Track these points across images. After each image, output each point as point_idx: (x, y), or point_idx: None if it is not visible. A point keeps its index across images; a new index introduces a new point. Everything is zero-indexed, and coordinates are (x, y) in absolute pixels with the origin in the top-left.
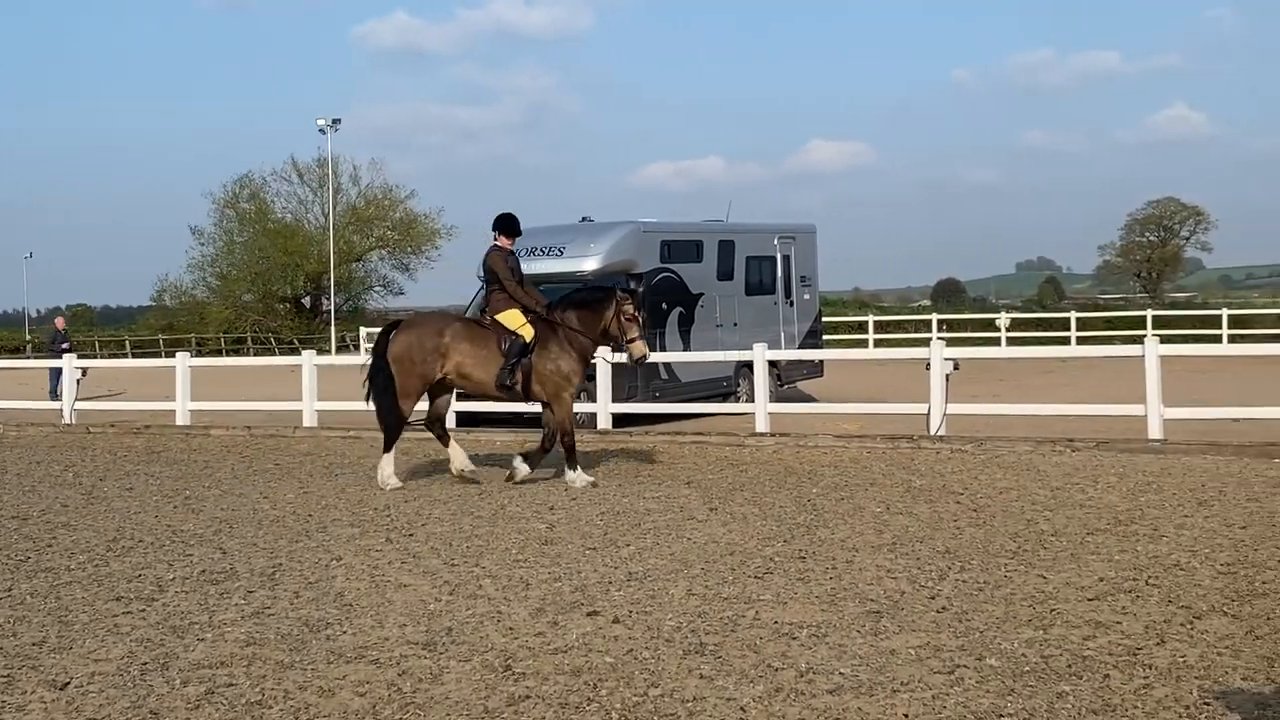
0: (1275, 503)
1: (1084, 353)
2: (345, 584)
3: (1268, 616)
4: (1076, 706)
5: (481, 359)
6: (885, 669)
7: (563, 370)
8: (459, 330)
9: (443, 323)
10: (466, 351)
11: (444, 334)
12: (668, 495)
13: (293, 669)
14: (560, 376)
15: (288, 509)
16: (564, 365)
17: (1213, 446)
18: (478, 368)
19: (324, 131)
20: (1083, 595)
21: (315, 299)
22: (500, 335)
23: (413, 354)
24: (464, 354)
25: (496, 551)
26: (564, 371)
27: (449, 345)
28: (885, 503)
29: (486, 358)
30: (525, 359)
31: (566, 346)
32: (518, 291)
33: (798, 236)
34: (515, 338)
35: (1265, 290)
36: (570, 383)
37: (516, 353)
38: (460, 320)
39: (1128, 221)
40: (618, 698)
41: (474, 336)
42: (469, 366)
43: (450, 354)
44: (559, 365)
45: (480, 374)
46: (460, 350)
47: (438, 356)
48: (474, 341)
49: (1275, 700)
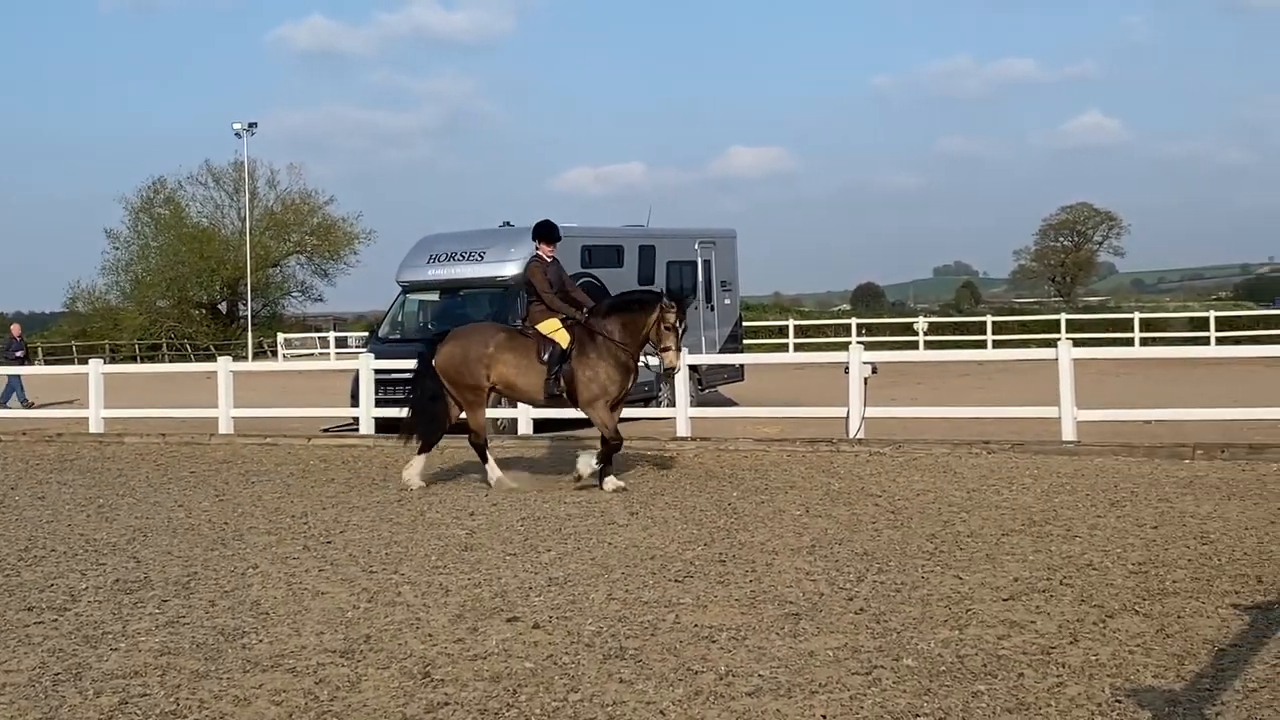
0: (1186, 503)
1: (1000, 356)
2: (262, 592)
3: (1178, 615)
4: (991, 705)
5: (524, 368)
6: (804, 671)
7: (599, 378)
8: (502, 340)
9: (487, 333)
10: (510, 361)
11: (488, 344)
12: (589, 500)
13: (208, 678)
14: (598, 385)
15: (203, 517)
16: (601, 372)
17: (1125, 448)
18: (520, 376)
19: (240, 135)
20: (998, 595)
21: (232, 304)
22: (541, 344)
23: (459, 364)
24: (507, 364)
25: (416, 558)
26: (601, 380)
27: (493, 355)
28: (805, 505)
29: (529, 367)
30: (566, 365)
31: (604, 353)
32: (555, 301)
33: (718, 241)
34: (554, 345)
35: (1176, 294)
36: (607, 390)
37: (557, 360)
38: (504, 330)
39: (1042, 226)
40: (537, 703)
41: (517, 346)
42: (512, 376)
43: (494, 364)
44: (596, 372)
45: (523, 383)
46: (504, 360)
47: (482, 366)
48: (517, 351)
49: (1185, 697)
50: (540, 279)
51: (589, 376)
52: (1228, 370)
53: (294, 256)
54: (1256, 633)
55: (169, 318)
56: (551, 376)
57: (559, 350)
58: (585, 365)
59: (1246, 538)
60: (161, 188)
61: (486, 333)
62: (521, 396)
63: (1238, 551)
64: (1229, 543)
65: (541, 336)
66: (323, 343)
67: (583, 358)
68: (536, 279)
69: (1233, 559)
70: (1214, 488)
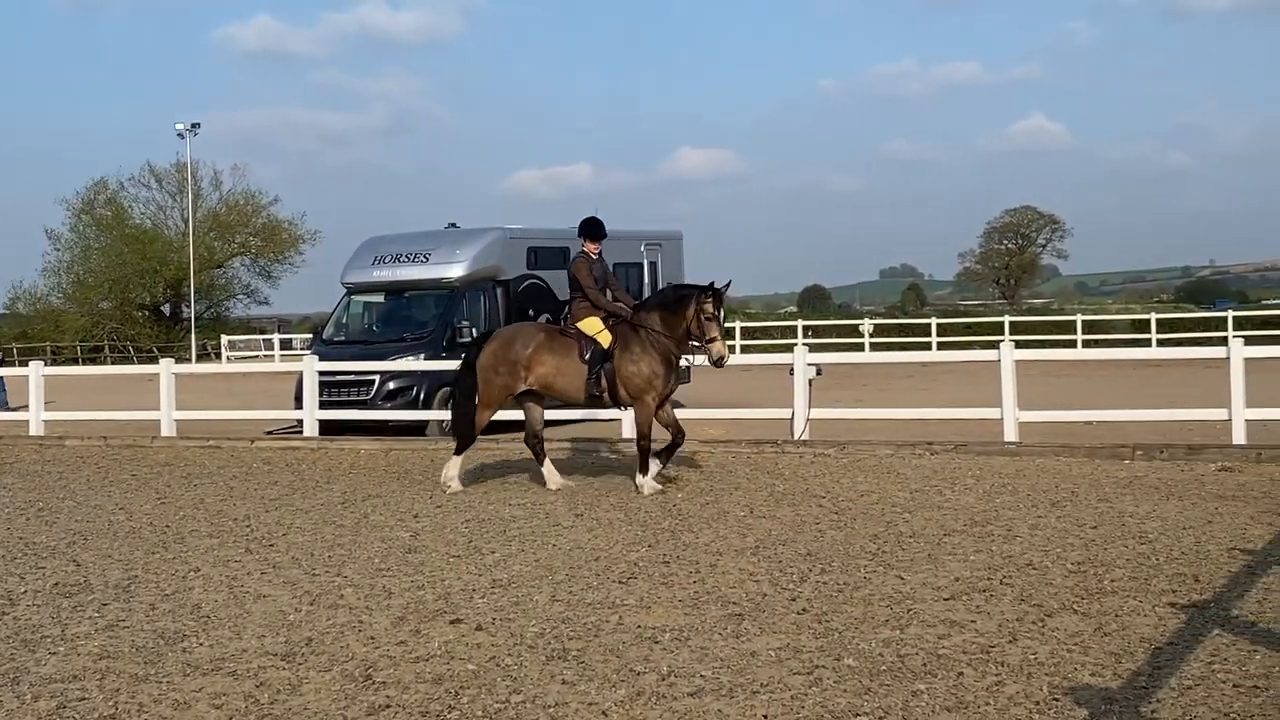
0: (1125, 503)
1: (944, 358)
2: (203, 595)
3: (1116, 614)
4: (931, 704)
5: (563, 369)
6: (746, 671)
7: (644, 373)
8: (542, 341)
9: (529, 334)
10: (549, 362)
11: (528, 345)
12: (534, 501)
13: (147, 682)
14: (641, 379)
15: (144, 520)
16: (645, 368)
17: (1065, 448)
18: (560, 377)
19: (183, 136)
20: (939, 595)
21: (175, 306)
22: (582, 344)
23: (496, 365)
24: (547, 365)
25: (359, 561)
26: (645, 374)
27: (531, 357)
28: (749, 506)
29: (569, 367)
30: (608, 364)
31: (649, 349)
32: (599, 298)
33: (665, 243)
34: (595, 345)
35: (1118, 297)
36: (652, 386)
37: (598, 360)
38: (545, 331)
39: (986, 229)
40: (479, 705)
41: (557, 347)
42: (552, 377)
43: (533, 365)
44: (640, 368)
45: (563, 384)
46: (543, 361)
47: (520, 368)
48: (556, 352)
49: (1121, 695)
50: (586, 276)
51: (633, 372)
52: (1168, 372)
53: (238, 258)
54: (1193, 631)
55: (111, 319)
56: (593, 376)
57: (600, 350)
58: (630, 361)
59: (1184, 537)
60: (103, 189)
61: (527, 334)
62: (561, 397)
63: (1175, 551)
64: (1167, 542)
65: (583, 336)
66: (267, 345)
67: (627, 354)
68: (582, 276)
69: (1170, 558)
70: (1153, 488)
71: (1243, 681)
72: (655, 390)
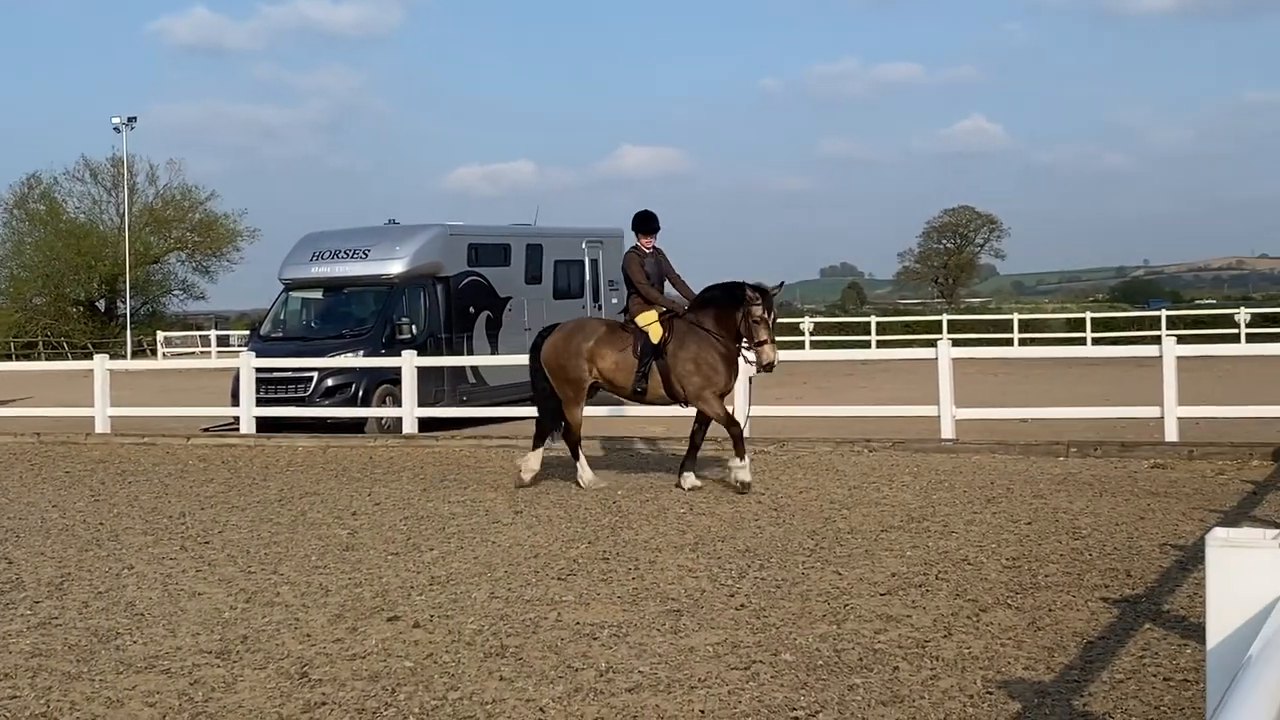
0: (1059, 499)
1: (883, 356)
2: (137, 593)
3: (1049, 608)
4: (867, 698)
5: (621, 364)
6: (683, 666)
7: (701, 369)
8: (603, 335)
9: (590, 327)
10: (609, 356)
11: (589, 338)
12: (473, 499)
13: (80, 680)
14: (699, 376)
15: (78, 517)
16: (703, 364)
17: (1001, 445)
18: (618, 372)
19: (119, 130)
20: (875, 590)
21: (110, 302)
22: (637, 339)
23: (561, 359)
24: (606, 359)
25: (295, 558)
26: (703, 370)
27: (593, 349)
28: (689, 503)
29: (625, 362)
30: (659, 360)
31: (705, 345)
32: (650, 292)
33: (606, 241)
34: (645, 339)
35: (1054, 296)
36: (711, 383)
37: (647, 354)
38: (606, 324)
39: (926, 229)
40: (416, 701)
41: (616, 340)
42: (611, 371)
43: (595, 358)
44: (698, 365)
45: (620, 378)
46: (603, 355)
47: (584, 360)
48: (615, 346)
49: (1054, 688)
50: (637, 271)
51: (689, 370)
52: (1103, 370)
53: (174, 253)
54: (1124, 625)
55: (45, 315)
56: (640, 372)
57: (649, 344)
58: (684, 359)
59: (1117, 533)
60: (37, 184)
61: (589, 327)
62: (619, 392)
63: (1108, 546)
64: (1100, 538)
65: (640, 331)
66: (204, 341)
67: (682, 351)
68: (632, 271)
69: (1103, 554)
70: (1086, 484)
71: (1173, 675)
72: (715, 387)
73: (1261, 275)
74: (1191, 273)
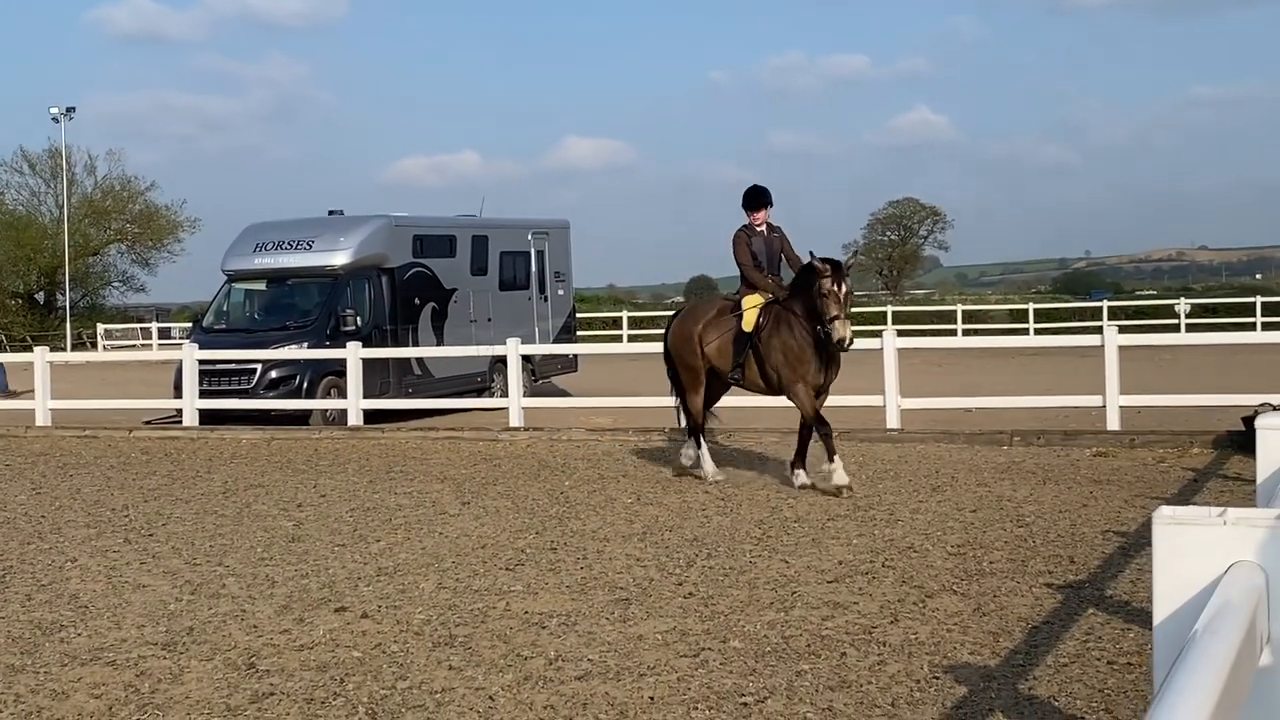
0: (1003, 487)
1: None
2: (80, 585)
3: (994, 594)
4: (815, 684)
5: (721, 347)
6: (633, 654)
7: (788, 359)
8: (711, 317)
9: (703, 309)
10: (714, 341)
11: (699, 321)
12: (420, 491)
13: (24, 672)
14: (786, 366)
15: (19, 510)
16: (789, 355)
17: (946, 435)
18: (719, 357)
19: (57, 120)
20: (822, 578)
21: (50, 294)
22: (738, 324)
23: (678, 345)
24: (711, 343)
25: (241, 550)
26: (789, 360)
27: (701, 333)
28: (636, 494)
29: (725, 346)
30: (754, 347)
31: (795, 334)
32: (753, 274)
33: (551, 232)
34: (739, 324)
35: (998, 288)
36: (799, 375)
37: (741, 340)
38: (717, 308)
39: (870, 221)
40: (365, 691)
41: (721, 324)
42: (714, 355)
43: (704, 343)
44: (784, 355)
45: (721, 362)
46: (709, 340)
47: (696, 344)
48: (720, 329)
49: (1000, 673)
50: (743, 251)
51: (780, 361)
52: (1045, 360)
53: (114, 245)
54: (1068, 610)
55: None
56: (736, 360)
57: (741, 332)
58: (775, 348)
59: (1060, 520)
60: None
61: (700, 310)
62: (723, 377)
63: (1052, 533)
64: (1044, 525)
65: (741, 316)
66: (145, 334)
67: (774, 339)
68: (738, 250)
69: (1047, 540)
70: (1030, 473)
71: (1116, 659)
72: (803, 380)
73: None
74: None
